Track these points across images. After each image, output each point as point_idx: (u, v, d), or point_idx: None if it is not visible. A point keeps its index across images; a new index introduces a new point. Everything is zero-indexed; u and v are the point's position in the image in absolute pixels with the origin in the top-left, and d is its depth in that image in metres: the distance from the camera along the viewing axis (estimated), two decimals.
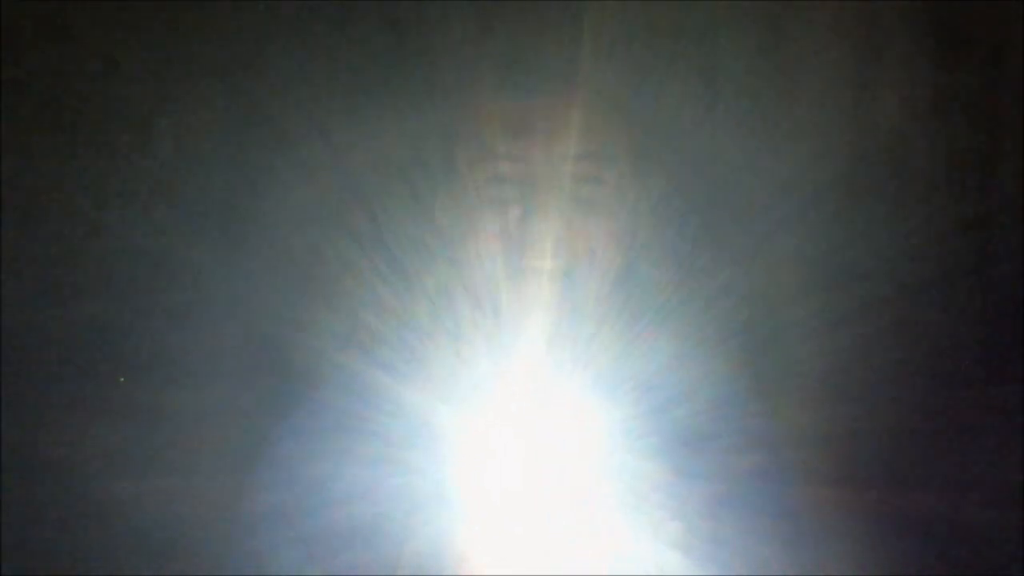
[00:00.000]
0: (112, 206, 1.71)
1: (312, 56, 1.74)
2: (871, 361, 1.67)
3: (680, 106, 1.66)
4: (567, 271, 1.11)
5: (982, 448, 1.71)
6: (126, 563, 1.60)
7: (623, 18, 1.71)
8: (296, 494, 1.15)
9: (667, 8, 1.76)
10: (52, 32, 1.74)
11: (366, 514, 1.08)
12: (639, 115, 1.22)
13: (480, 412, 1.10)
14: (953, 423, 1.72)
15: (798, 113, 1.77)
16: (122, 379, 1.71)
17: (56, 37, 1.74)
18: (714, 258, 1.20)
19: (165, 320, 1.70)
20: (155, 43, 1.74)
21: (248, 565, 1.19)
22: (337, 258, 1.41)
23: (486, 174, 1.16)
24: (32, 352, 1.70)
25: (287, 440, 1.20)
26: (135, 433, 1.66)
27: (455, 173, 1.20)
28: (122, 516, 1.61)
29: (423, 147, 1.25)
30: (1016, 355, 1.72)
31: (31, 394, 1.68)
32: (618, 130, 1.20)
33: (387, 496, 1.08)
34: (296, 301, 1.48)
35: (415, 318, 1.17)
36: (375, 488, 1.09)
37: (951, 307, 1.78)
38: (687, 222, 1.18)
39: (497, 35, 1.63)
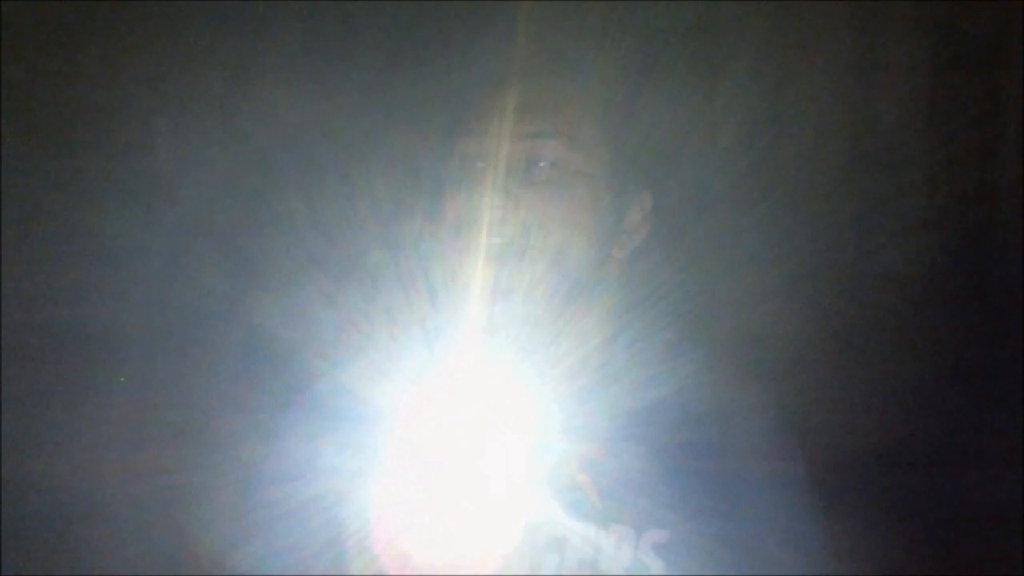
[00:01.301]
0: (112, 206, 1.71)
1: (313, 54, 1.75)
2: (825, 334, 1.69)
3: (672, 98, 1.66)
4: (505, 252, 1.10)
5: (938, 424, 1.72)
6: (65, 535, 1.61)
7: (619, 13, 1.72)
8: (232, 471, 1.16)
9: (667, 4, 1.76)
10: (52, 32, 1.74)
11: (301, 492, 1.08)
12: (605, 100, 1.20)
13: (415, 391, 1.10)
14: (897, 393, 1.73)
15: (796, 111, 1.77)
16: (123, 379, 1.71)
17: (56, 37, 1.74)
18: (661, 234, 1.19)
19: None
20: (155, 43, 1.75)
21: (183, 541, 1.20)
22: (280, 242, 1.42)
23: (452, 157, 1.15)
24: (32, 350, 1.70)
25: (225, 419, 1.20)
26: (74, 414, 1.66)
27: (418, 158, 1.20)
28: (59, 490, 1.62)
29: (418, 140, 1.26)
30: (1014, 352, 1.73)
31: (32, 392, 1.69)
32: (585, 114, 1.17)
33: (323, 474, 1.09)
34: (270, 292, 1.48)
35: (352, 298, 1.17)
36: (310, 466, 1.10)
37: (945, 302, 1.79)
38: (634, 199, 1.16)
39: (475, 27, 1.64)
